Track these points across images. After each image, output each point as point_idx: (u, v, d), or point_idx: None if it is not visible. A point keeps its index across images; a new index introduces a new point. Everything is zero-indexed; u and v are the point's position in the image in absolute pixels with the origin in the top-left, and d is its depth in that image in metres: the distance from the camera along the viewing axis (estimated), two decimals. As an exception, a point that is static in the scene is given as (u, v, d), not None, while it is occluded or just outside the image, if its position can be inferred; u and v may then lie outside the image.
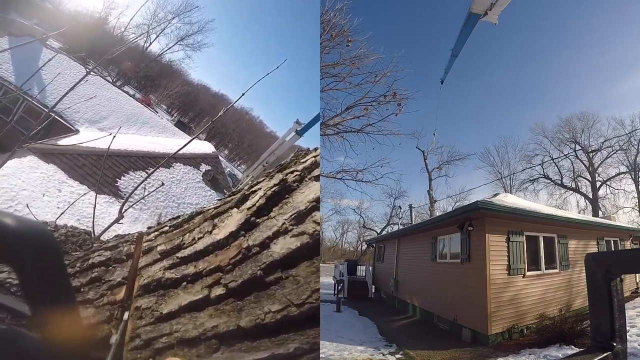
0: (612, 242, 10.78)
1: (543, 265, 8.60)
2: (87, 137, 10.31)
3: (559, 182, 25.73)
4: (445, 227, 9.41)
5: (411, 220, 19.88)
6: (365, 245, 26.32)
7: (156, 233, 0.79)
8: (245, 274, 0.57)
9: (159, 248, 0.72)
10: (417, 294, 11.18)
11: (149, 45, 31.37)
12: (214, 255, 0.63)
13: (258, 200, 0.66)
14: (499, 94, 36.18)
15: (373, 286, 16.09)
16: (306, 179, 0.65)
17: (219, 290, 0.58)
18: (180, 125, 29.46)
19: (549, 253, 8.82)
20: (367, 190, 33.43)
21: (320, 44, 10.55)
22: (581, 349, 0.89)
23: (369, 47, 11.36)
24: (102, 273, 0.74)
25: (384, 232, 26.72)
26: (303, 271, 0.52)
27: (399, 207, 26.31)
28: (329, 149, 12.45)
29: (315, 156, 0.70)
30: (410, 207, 20.82)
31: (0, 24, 13.76)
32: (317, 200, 0.58)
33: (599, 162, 24.73)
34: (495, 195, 11.59)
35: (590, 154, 24.70)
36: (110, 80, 18.44)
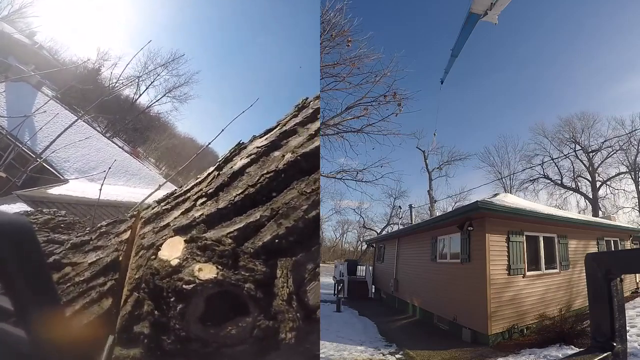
0: (612, 242, 10.79)
1: (543, 265, 8.60)
2: (77, 187, 10.27)
3: (559, 182, 25.74)
4: (445, 227, 9.41)
5: (411, 220, 19.89)
6: (365, 245, 26.32)
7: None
8: (218, 182, 0.72)
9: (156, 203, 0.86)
10: (417, 294, 11.18)
11: (138, 97, 31.82)
12: (197, 186, 0.79)
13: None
14: (499, 94, 36.17)
15: (373, 286, 16.09)
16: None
17: (202, 200, 0.72)
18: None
19: (549, 253, 8.82)
20: (367, 190, 33.38)
21: (320, 44, 10.54)
22: (581, 349, 0.89)
23: (369, 47, 11.32)
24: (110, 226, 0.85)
25: (384, 232, 26.74)
26: (254, 171, 0.69)
27: (399, 207, 26.34)
28: (329, 149, 12.45)
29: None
30: (410, 207, 20.84)
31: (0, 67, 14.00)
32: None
33: (599, 162, 24.75)
34: (495, 195, 11.58)
35: (590, 154, 24.71)
36: (100, 130, 18.66)
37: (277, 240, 0.57)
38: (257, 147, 0.72)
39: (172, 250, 0.56)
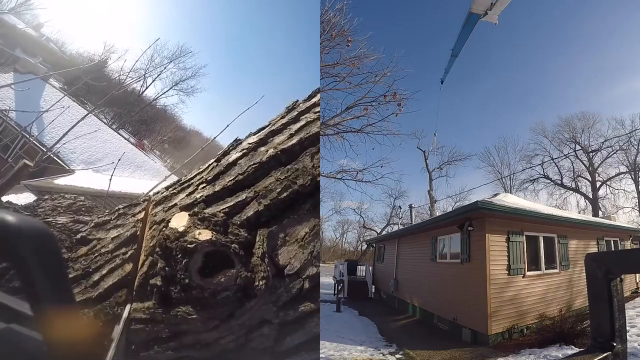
0: (612, 242, 10.79)
1: (543, 265, 8.60)
2: (83, 178, 10.34)
3: (559, 182, 25.73)
4: (445, 227, 9.41)
5: (411, 220, 19.88)
6: (365, 245, 26.32)
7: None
8: (216, 171, 0.83)
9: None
10: (417, 294, 11.18)
11: (145, 90, 32.11)
12: (199, 175, 0.88)
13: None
14: (499, 94, 36.15)
15: (373, 286, 16.09)
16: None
17: (202, 185, 0.83)
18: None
19: (549, 253, 8.81)
20: (367, 190, 33.40)
21: (320, 44, 10.55)
22: (581, 349, 0.89)
23: (369, 47, 11.33)
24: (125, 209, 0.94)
25: (384, 232, 26.73)
26: (244, 162, 0.81)
27: (399, 207, 26.31)
28: (329, 149, 12.45)
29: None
30: (410, 207, 20.84)
31: (7, 60, 14.12)
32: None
33: (599, 162, 24.74)
34: (495, 195, 11.60)
35: (590, 154, 24.70)
36: (106, 122, 18.79)
37: (257, 215, 0.71)
38: (249, 143, 0.83)
39: (179, 221, 0.68)
